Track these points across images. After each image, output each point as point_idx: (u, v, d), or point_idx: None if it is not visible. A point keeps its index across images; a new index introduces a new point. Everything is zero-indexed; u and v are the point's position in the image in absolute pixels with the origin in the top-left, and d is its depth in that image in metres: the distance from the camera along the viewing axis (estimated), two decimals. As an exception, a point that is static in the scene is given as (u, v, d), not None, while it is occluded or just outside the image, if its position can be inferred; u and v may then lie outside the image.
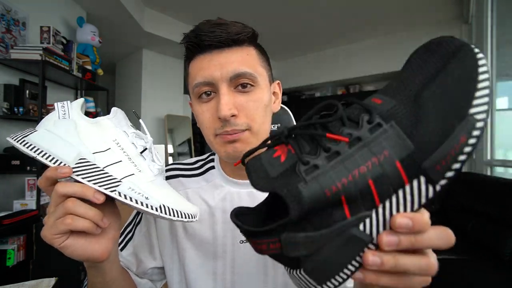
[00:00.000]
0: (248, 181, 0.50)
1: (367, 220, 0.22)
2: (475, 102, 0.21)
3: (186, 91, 4.82)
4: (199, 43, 0.44)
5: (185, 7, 3.14)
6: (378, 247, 0.22)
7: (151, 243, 0.54)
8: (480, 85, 0.21)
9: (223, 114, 0.41)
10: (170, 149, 3.86)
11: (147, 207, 0.32)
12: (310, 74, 4.61)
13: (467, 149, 0.21)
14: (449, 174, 0.21)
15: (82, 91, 2.36)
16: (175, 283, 0.53)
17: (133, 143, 0.38)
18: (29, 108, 1.83)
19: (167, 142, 3.78)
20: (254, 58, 0.46)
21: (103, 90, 2.61)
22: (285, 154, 0.24)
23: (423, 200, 0.22)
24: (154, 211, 0.33)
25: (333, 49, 4.37)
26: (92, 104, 2.47)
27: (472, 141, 0.20)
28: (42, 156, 0.33)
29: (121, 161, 0.36)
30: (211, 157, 0.58)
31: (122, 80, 4.25)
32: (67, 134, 0.35)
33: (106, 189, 0.32)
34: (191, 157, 4.18)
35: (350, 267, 0.23)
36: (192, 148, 4.19)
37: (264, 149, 0.26)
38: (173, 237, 0.53)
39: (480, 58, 0.22)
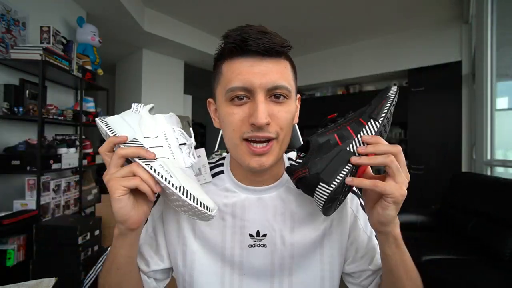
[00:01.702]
0: (257, 187, 0.53)
1: (350, 145, 0.42)
2: (388, 94, 0.47)
3: (186, 91, 4.80)
4: (243, 47, 0.43)
5: (185, 7, 3.14)
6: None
7: (157, 243, 0.55)
8: (390, 92, 0.47)
9: (260, 122, 0.42)
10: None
11: (169, 183, 0.38)
12: (310, 74, 4.61)
13: (389, 101, 0.45)
14: (382, 114, 0.44)
15: (82, 91, 2.35)
16: (182, 284, 0.54)
17: (176, 138, 0.47)
18: (29, 108, 1.83)
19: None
20: (289, 72, 0.47)
21: (103, 90, 2.61)
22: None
23: (376, 129, 0.43)
24: (174, 189, 0.38)
25: (333, 49, 4.37)
26: (92, 104, 2.47)
27: (388, 102, 0.45)
28: (110, 131, 0.45)
29: (162, 146, 0.44)
30: (220, 162, 0.58)
31: (122, 80, 4.25)
32: (132, 122, 0.47)
33: (143, 162, 0.40)
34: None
35: (345, 169, 0.40)
36: (192, 148, 4.19)
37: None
38: (181, 239, 0.53)
39: (391, 87, 0.49)
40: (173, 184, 0.38)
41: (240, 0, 2.96)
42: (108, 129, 0.45)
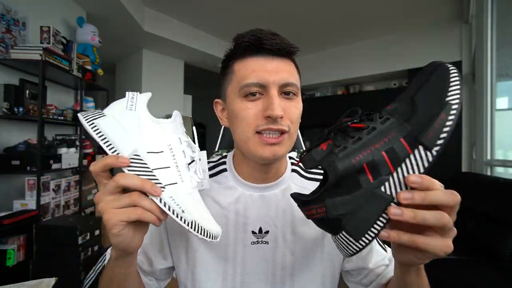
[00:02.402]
0: (261, 185, 0.54)
1: (387, 183, 0.30)
2: (449, 93, 0.30)
3: (186, 91, 4.80)
4: (258, 45, 0.47)
5: (185, 7, 3.14)
6: (399, 205, 0.29)
7: (161, 242, 0.55)
8: (452, 83, 0.30)
9: (276, 114, 0.44)
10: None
11: (181, 220, 0.35)
12: (310, 74, 4.61)
13: (449, 122, 0.29)
14: (439, 141, 0.29)
15: (82, 91, 2.36)
16: (184, 282, 0.54)
17: (183, 151, 0.40)
18: (29, 108, 1.83)
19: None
20: (296, 73, 0.51)
21: (103, 90, 2.61)
22: (325, 145, 0.34)
23: (426, 164, 0.29)
24: (185, 225, 0.35)
25: (333, 49, 4.37)
26: (92, 104, 2.47)
27: (451, 117, 0.29)
28: (105, 143, 0.36)
29: (169, 167, 0.37)
30: (222, 160, 0.59)
31: (122, 80, 4.25)
32: (130, 127, 0.37)
33: (150, 194, 0.34)
34: (191, 157, 4.20)
35: (378, 222, 0.30)
36: (192, 148, 4.19)
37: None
38: (183, 237, 0.54)
39: (451, 68, 0.31)
40: (185, 221, 0.35)
41: (240, 0, 2.97)
42: (101, 139, 0.35)
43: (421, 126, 0.29)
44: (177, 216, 0.35)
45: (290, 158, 0.60)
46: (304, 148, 0.89)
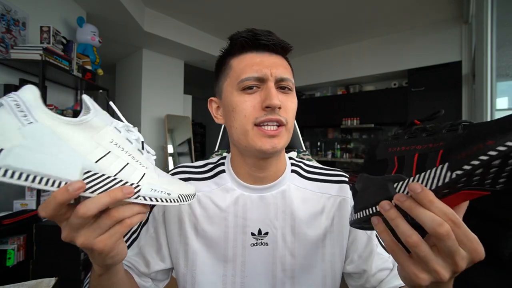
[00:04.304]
0: (259, 186, 0.53)
1: (402, 182, 0.29)
2: None
3: (186, 91, 4.80)
4: (255, 41, 0.49)
5: (185, 7, 3.14)
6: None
7: (159, 243, 0.55)
8: None
9: (275, 103, 0.45)
10: (170, 149, 3.86)
11: (171, 201, 0.34)
12: (310, 74, 4.61)
13: (491, 152, 0.22)
14: (466, 166, 0.24)
15: (82, 91, 2.36)
16: (184, 284, 0.53)
17: (127, 138, 0.34)
18: (29, 108, 1.83)
19: (167, 142, 3.78)
20: (290, 70, 0.53)
21: (103, 90, 2.61)
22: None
23: (440, 182, 0.26)
24: (175, 203, 0.34)
25: (333, 49, 4.37)
26: (92, 104, 2.47)
27: (500, 148, 0.22)
28: (40, 183, 0.26)
29: (128, 163, 0.32)
30: (221, 161, 0.59)
31: (122, 80, 4.25)
32: (52, 146, 0.27)
33: (127, 199, 0.31)
34: (191, 157, 4.19)
35: (374, 208, 0.31)
36: (192, 148, 4.19)
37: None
38: (183, 238, 0.53)
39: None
40: (175, 200, 0.34)
41: (239, 0, 2.96)
42: (29, 181, 0.26)
43: (465, 143, 0.25)
44: (166, 201, 0.33)
45: (290, 158, 0.59)
46: (304, 148, 0.89)
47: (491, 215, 1.83)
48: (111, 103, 0.41)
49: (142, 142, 0.37)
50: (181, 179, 0.56)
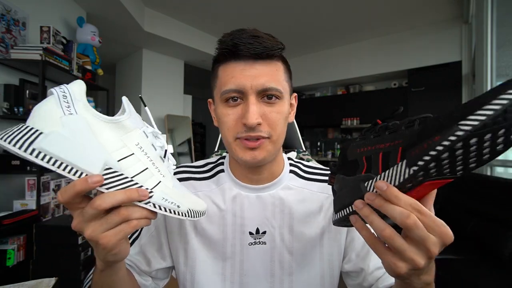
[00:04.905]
0: (256, 186, 0.53)
1: (371, 181, 0.31)
2: (470, 117, 0.24)
3: (186, 91, 4.80)
4: (235, 51, 0.45)
5: (185, 7, 3.14)
6: None
7: (160, 241, 0.55)
8: (487, 104, 0.24)
9: (250, 122, 0.44)
10: (170, 149, 3.87)
11: (179, 214, 0.34)
12: (310, 74, 4.61)
13: (438, 147, 0.25)
14: (420, 162, 0.26)
15: (82, 91, 2.36)
16: (183, 282, 0.54)
17: (152, 144, 0.36)
18: (29, 108, 1.83)
19: (167, 142, 3.79)
20: (281, 73, 0.49)
21: (103, 90, 2.61)
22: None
23: (401, 178, 0.28)
24: (183, 217, 0.34)
25: (333, 49, 4.37)
26: (92, 104, 2.47)
27: (445, 142, 0.24)
28: (64, 169, 0.28)
29: (147, 168, 0.33)
30: (220, 161, 0.59)
31: (122, 80, 4.25)
32: (84, 138, 0.30)
33: (140, 201, 0.31)
34: (191, 157, 4.19)
35: (350, 208, 0.34)
36: (192, 148, 4.19)
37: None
38: (182, 237, 0.54)
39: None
40: (183, 214, 0.34)
41: (239, 1, 2.96)
42: (56, 166, 0.28)
43: (417, 140, 0.28)
44: (174, 213, 0.33)
45: (289, 159, 0.60)
46: (304, 148, 0.89)
47: (491, 216, 1.83)
48: (146, 108, 0.43)
49: (166, 150, 0.38)
50: (181, 179, 0.56)
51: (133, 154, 0.33)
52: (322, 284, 0.53)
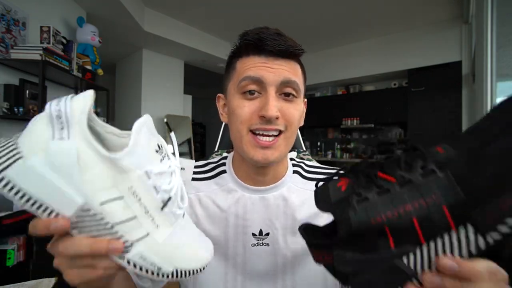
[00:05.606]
0: (260, 187, 0.53)
1: (412, 256, 0.23)
2: None
3: (186, 91, 4.79)
4: (260, 45, 0.46)
5: (185, 7, 3.14)
6: (421, 285, 0.23)
7: None
8: None
9: (270, 114, 0.43)
10: (170, 149, 3.86)
11: (158, 276, 0.28)
12: (310, 74, 4.57)
13: None
14: (503, 228, 0.20)
15: (82, 91, 2.35)
16: (185, 283, 0.54)
17: (155, 187, 0.28)
18: (29, 108, 1.83)
19: (167, 142, 3.79)
20: (300, 74, 0.51)
21: (103, 90, 2.61)
22: (346, 185, 0.28)
23: (473, 250, 0.22)
24: (166, 279, 0.29)
25: (333, 49, 4.37)
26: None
27: None
28: (32, 205, 0.24)
29: (135, 216, 0.27)
30: (222, 161, 0.59)
31: (122, 80, 4.25)
32: (65, 172, 0.24)
33: (113, 254, 0.27)
34: (191, 157, 4.18)
35: None
36: (192, 148, 4.19)
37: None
38: None
39: None
40: (165, 275, 0.29)
41: (239, 1, 2.96)
42: (23, 201, 0.24)
43: (481, 198, 0.21)
44: (152, 274, 0.28)
45: (291, 159, 0.60)
46: (304, 148, 0.89)
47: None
48: (172, 134, 0.36)
49: (170, 199, 0.30)
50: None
51: (122, 197, 0.27)
52: (325, 285, 0.52)
